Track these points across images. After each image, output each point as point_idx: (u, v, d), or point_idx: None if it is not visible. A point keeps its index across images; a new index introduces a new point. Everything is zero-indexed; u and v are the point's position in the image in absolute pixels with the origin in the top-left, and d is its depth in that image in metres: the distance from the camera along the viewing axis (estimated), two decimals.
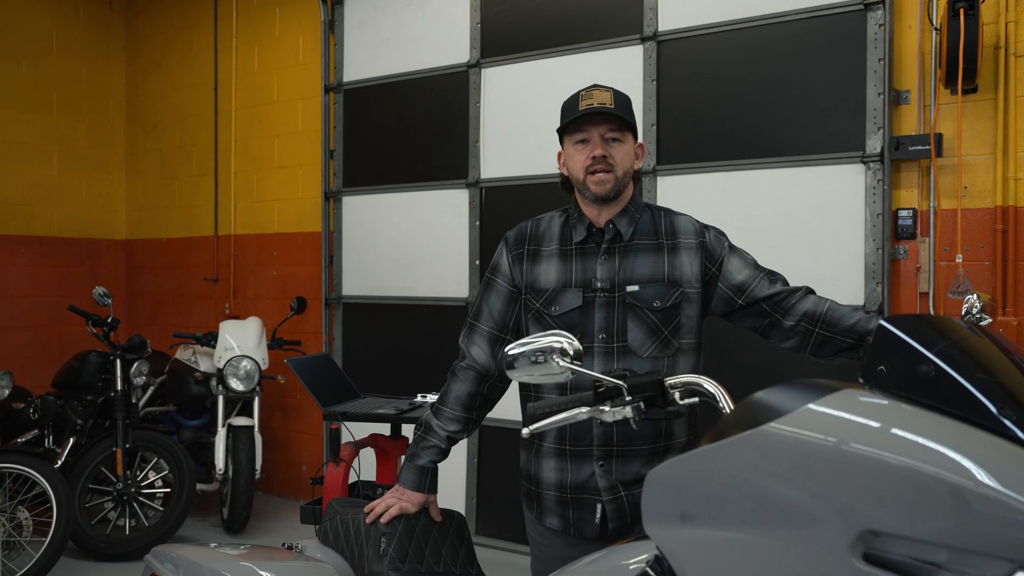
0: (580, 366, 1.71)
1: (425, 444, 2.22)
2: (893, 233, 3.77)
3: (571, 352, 1.70)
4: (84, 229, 6.58)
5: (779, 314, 2.09)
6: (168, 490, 4.79)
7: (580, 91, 2.17)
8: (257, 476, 5.05)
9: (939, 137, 3.62)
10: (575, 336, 2.11)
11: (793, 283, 2.16)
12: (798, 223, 3.93)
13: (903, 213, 3.75)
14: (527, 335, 2.19)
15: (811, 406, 1.24)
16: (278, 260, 5.93)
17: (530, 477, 2.21)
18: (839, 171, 3.83)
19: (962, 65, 3.30)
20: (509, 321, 2.22)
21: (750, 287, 2.11)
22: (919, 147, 3.63)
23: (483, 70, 4.88)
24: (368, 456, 3.26)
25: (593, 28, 4.51)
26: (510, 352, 1.74)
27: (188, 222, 6.43)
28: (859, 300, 3.77)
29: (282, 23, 5.88)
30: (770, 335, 2.14)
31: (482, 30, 4.88)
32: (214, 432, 5.17)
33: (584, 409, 1.74)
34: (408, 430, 3.14)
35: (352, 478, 3.10)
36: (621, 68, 4.35)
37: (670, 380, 1.74)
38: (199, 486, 5.23)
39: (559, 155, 2.26)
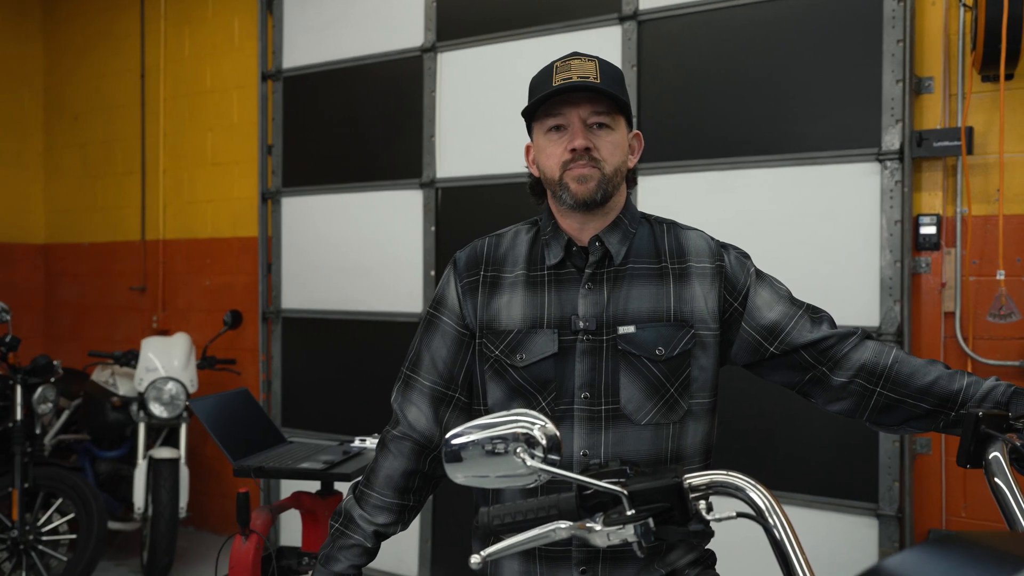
0: (556, 463, 1.14)
1: (344, 542, 1.63)
2: (913, 243, 3.25)
3: (543, 442, 1.14)
4: None
5: (826, 367, 1.54)
6: (74, 536, 4.15)
7: (555, 61, 1.61)
8: (182, 515, 4.43)
9: (969, 131, 3.10)
10: (549, 395, 1.56)
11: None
12: (802, 231, 3.39)
13: (925, 220, 3.23)
14: (483, 394, 1.62)
15: None
16: (211, 268, 5.30)
17: None
18: (850, 171, 3.30)
19: (1006, 46, 2.78)
20: (458, 374, 1.64)
21: (786, 329, 1.55)
22: (946, 143, 3.10)
23: (439, 55, 4.30)
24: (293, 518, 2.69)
25: (564, 6, 3.94)
26: (454, 441, 1.17)
27: (113, 225, 5.76)
28: (874, 321, 3.24)
29: (215, 3, 5.25)
30: (812, 394, 1.58)
31: (438, 9, 4.30)
32: (135, 463, 4.56)
33: (563, 525, 1.17)
34: (343, 486, 2.55)
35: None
36: (596, 52, 3.77)
37: (691, 479, 1.18)
38: (118, 526, 4.61)
39: (527, 149, 1.69)
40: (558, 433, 1.13)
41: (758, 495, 1.14)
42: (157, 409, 4.54)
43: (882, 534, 3.22)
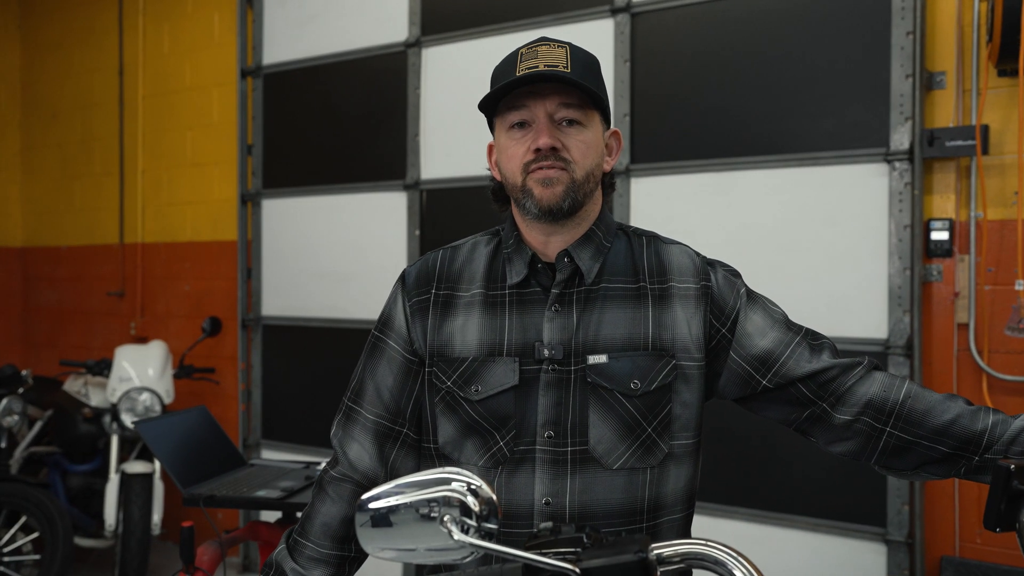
0: (492, 536, 0.93)
1: None
2: (924, 249, 3.03)
3: (476, 508, 0.93)
4: None
5: (827, 403, 1.33)
6: (38, 557, 3.96)
7: (520, 48, 1.40)
8: (156, 532, 4.23)
9: (985, 129, 2.88)
10: (507, 433, 1.35)
11: (798, 316, 1.40)
12: (804, 236, 3.18)
13: (936, 224, 3.01)
14: (432, 430, 1.41)
15: None
16: (191, 273, 5.10)
17: None
18: (856, 172, 3.09)
19: None
20: (406, 406, 1.44)
21: (780, 359, 1.34)
22: (959, 142, 2.88)
23: (423, 50, 4.09)
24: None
25: None
26: (371, 505, 0.96)
27: (91, 228, 5.56)
28: (882, 333, 3.03)
29: None
30: (812, 433, 1.37)
31: (422, 3, 4.09)
32: (108, 478, 4.36)
33: None
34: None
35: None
36: (588, 46, 3.54)
37: (660, 549, 0.97)
38: (90, 543, 4.42)
39: (489, 148, 1.49)
40: (495, 497, 0.92)
41: (743, 572, 0.93)
42: (130, 421, 4.34)
43: (891, 561, 3.01)
